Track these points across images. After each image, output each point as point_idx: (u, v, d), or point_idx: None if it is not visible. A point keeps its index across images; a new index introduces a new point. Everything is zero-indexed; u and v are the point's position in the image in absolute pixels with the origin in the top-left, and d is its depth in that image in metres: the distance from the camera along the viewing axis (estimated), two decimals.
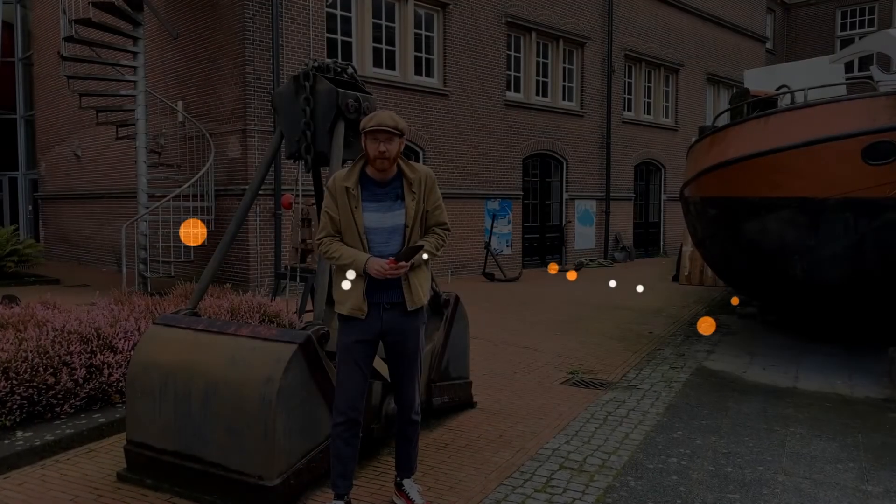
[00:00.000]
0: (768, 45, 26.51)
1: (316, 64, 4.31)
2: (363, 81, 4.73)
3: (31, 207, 19.67)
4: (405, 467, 3.68)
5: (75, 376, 4.78)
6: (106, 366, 4.98)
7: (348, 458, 3.41)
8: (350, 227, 3.32)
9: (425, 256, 3.35)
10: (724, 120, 7.58)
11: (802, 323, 8.65)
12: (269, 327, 3.77)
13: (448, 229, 3.52)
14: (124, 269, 10.16)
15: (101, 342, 5.11)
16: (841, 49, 21.21)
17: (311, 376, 3.70)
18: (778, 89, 6.98)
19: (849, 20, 28.76)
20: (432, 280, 4.27)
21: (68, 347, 4.88)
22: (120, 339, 5.20)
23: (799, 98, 6.44)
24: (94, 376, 4.93)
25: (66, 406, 4.73)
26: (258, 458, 3.51)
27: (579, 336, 8.28)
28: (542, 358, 7.15)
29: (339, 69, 4.45)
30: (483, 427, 4.96)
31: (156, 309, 5.98)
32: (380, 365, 4.46)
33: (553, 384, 6.18)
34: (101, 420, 4.72)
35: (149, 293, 9.04)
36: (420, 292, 3.44)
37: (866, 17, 28.21)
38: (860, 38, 27.52)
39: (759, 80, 8.52)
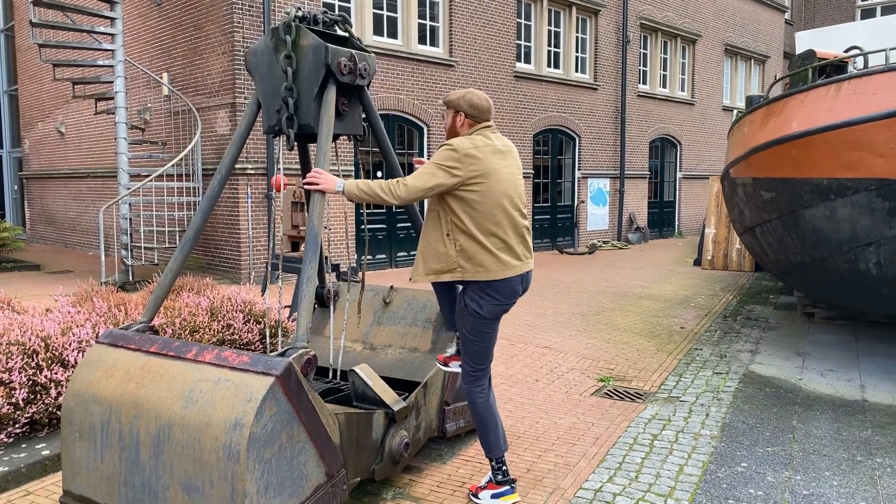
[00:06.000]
0: (786, 15, 25.30)
1: (300, 13, 3.40)
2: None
3: (16, 187, 18.77)
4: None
5: (14, 398, 3.96)
6: (54, 384, 4.16)
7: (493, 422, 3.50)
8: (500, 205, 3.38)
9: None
10: (778, 90, 6.63)
11: (849, 315, 7.80)
12: (237, 352, 2.91)
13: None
14: (102, 257, 9.31)
15: (49, 355, 4.28)
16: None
17: (295, 415, 2.86)
18: (846, 51, 6.04)
19: None
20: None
21: (6, 362, 4.05)
22: (72, 351, 4.37)
23: (875, 61, 5.50)
24: (38, 397, 4.11)
25: (1, 435, 3.91)
26: None
27: (604, 332, 7.43)
28: (565, 360, 6.32)
29: (330, 20, 3.55)
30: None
31: (120, 310, 5.14)
32: (383, 389, 3.64)
33: (582, 395, 5.34)
34: (46, 452, 3.90)
35: (119, 287, 8.18)
36: None
37: None
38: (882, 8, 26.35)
39: (815, 44, 7.50)
